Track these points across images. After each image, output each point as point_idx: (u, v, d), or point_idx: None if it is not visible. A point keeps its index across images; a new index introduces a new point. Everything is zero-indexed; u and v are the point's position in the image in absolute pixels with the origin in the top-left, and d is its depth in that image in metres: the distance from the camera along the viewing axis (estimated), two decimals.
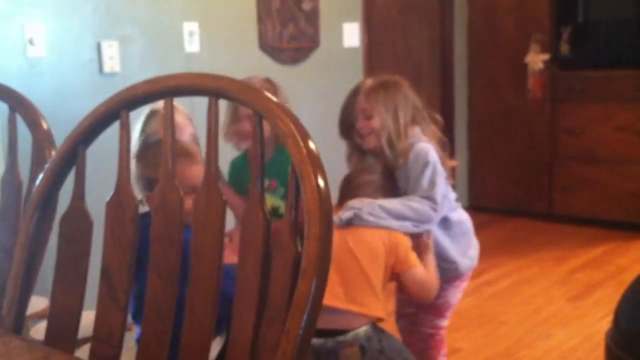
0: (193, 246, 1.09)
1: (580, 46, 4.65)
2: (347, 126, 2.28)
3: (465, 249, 2.35)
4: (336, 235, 0.96)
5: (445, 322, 2.39)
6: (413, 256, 2.05)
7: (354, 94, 2.29)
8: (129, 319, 1.38)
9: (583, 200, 4.71)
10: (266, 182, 2.22)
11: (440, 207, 2.17)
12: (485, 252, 4.19)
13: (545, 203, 4.89)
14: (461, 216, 2.35)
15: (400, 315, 2.47)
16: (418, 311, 2.39)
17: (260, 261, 1.03)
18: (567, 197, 4.77)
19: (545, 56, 4.70)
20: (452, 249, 2.30)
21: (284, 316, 0.97)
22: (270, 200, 2.35)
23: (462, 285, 2.39)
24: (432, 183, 2.16)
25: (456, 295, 2.38)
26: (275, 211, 2.34)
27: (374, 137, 2.22)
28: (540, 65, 4.71)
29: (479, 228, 2.47)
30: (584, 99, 4.62)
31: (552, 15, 4.71)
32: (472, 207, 5.13)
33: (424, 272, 2.06)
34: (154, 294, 1.15)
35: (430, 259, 2.13)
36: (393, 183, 2.23)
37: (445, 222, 2.27)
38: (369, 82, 2.30)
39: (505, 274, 3.88)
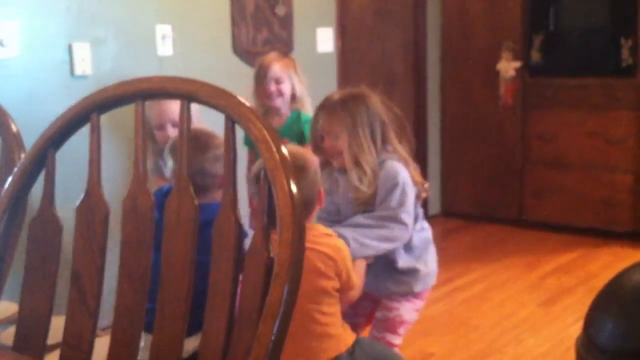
0: (163, 250, 1.09)
1: (551, 54, 4.70)
2: (316, 144, 2.28)
3: (423, 269, 2.32)
4: None
5: (398, 340, 2.32)
6: (354, 276, 1.98)
7: (318, 109, 2.28)
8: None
9: (554, 206, 4.75)
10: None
11: (410, 227, 2.20)
12: (456, 257, 4.27)
13: (516, 209, 4.93)
14: (423, 235, 2.34)
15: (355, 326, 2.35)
16: (371, 329, 2.36)
17: (232, 266, 1.03)
18: (538, 203, 4.82)
19: (517, 64, 4.74)
20: (410, 268, 2.29)
21: (256, 320, 0.97)
22: None
23: (417, 304, 2.36)
24: (401, 204, 2.18)
25: (410, 312, 2.34)
26: None
27: (341, 156, 2.21)
28: (512, 72, 4.76)
29: (450, 233, 2.50)
30: (555, 106, 4.67)
31: (524, 23, 4.76)
32: (444, 213, 5.16)
33: (357, 290, 2.03)
34: (123, 297, 1.14)
35: (361, 265, 2.12)
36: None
37: (408, 243, 2.26)
38: (332, 99, 2.27)
39: (476, 280, 3.91)
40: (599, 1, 4.55)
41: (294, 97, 2.97)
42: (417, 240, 2.29)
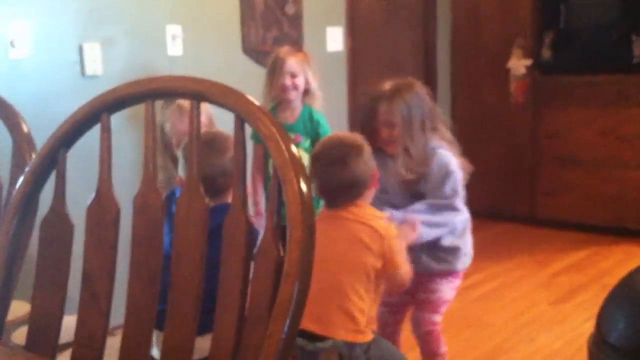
0: (174, 249, 1.09)
1: (562, 51, 4.68)
2: (369, 132, 2.34)
3: (464, 248, 2.47)
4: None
5: (439, 318, 2.48)
6: (400, 257, 2.02)
7: (375, 100, 2.37)
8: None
9: (565, 204, 4.73)
10: (291, 136, 2.64)
11: (462, 212, 2.39)
12: None
13: (528, 207, 4.91)
14: (465, 216, 2.47)
15: (382, 304, 2.54)
16: (414, 310, 2.50)
17: (242, 264, 1.03)
18: (549, 201, 4.80)
19: (528, 61, 4.73)
20: (452, 247, 2.43)
21: (266, 319, 0.97)
22: None
23: (456, 283, 2.50)
24: (454, 192, 2.35)
25: (450, 291, 2.49)
26: None
27: (395, 144, 2.34)
28: (523, 70, 4.74)
29: None
30: (566, 104, 4.65)
31: (535, 21, 4.74)
32: None
33: (405, 270, 2.04)
34: (134, 297, 1.14)
35: (403, 252, 2.15)
36: None
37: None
38: (388, 88, 2.37)
39: (488, 278, 3.89)
40: None
41: (306, 92, 2.97)
42: (459, 220, 2.43)
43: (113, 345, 1.19)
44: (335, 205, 2.01)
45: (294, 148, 1.03)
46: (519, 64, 4.74)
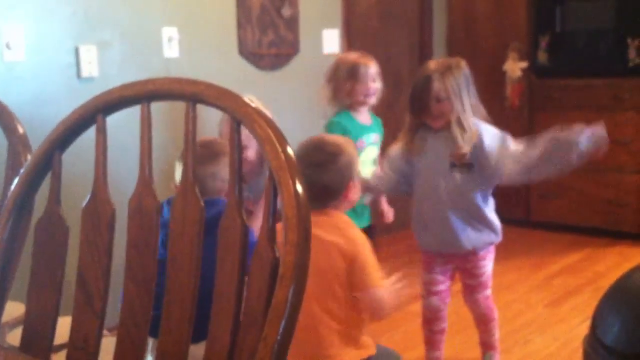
0: (169, 253, 1.09)
1: (557, 54, 4.69)
2: (420, 107, 2.50)
3: (497, 220, 2.67)
4: None
5: (490, 291, 2.71)
6: (374, 273, 1.86)
7: (426, 79, 2.48)
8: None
9: (561, 207, 4.74)
10: (373, 136, 3.01)
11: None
12: None
13: (523, 210, 4.92)
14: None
15: (429, 294, 2.68)
16: (469, 294, 2.70)
17: (237, 267, 1.03)
18: (544, 204, 4.81)
19: (524, 64, 4.74)
20: (493, 219, 2.63)
21: (261, 322, 0.97)
22: (375, 151, 3.00)
23: (493, 255, 2.71)
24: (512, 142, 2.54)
25: (492, 264, 2.70)
26: (375, 161, 2.96)
27: (444, 118, 2.47)
28: (519, 73, 4.75)
29: None
30: (562, 107, 4.66)
31: (530, 24, 4.76)
32: None
33: (385, 293, 1.86)
34: (129, 300, 1.14)
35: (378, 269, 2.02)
36: None
37: (487, 195, 2.62)
38: (434, 67, 2.52)
39: None
40: (605, 2, 4.53)
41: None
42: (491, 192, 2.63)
43: (107, 346, 1.19)
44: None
45: (290, 150, 1.03)
46: (514, 67, 4.75)
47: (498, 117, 4.91)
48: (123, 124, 1.60)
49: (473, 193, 2.54)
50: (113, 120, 1.21)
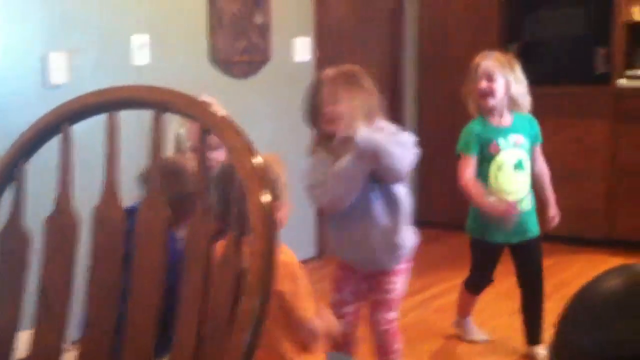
0: (135, 262, 1.08)
1: (527, 63, 4.72)
2: (313, 112, 2.35)
3: (409, 236, 2.48)
4: None
5: (396, 314, 2.50)
6: (304, 302, 1.78)
7: (318, 83, 2.37)
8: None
9: None
10: (514, 137, 2.89)
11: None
12: (431, 266, 4.27)
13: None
14: (404, 189, 2.47)
15: (338, 317, 2.38)
16: (372, 312, 2.49)
17: (203, 277, 1.02)
18: None
19: None
20: (403, 228, 2.43)
21: (226, 333, 0.96)
22: (517, 153, 2.88)
23: (408, 268, 2.50)
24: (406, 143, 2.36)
25: (405, 282, 2.50)
26: (520, 163, 2.88)
27: (340, 122, 2.30)
28: None
29: (424, 243, 2.51)
30: (533, 115, 4.71)
31: (500, 33, 4.81)
32: (419, 222, 5.13)
33: (316, 323, 1.81)
34: (95, 312, 1.12)
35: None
36: None
37: (393, 198, 2.40)
38: (329, 72, 2.38)
39: (451, 288, 3.90)
40: (573, 11, 4.61)
41: (512, 99, 2.92)
42: (401, 192, 2.42)
43: None
44: None
45: (258, 159, 1.03)
46: None
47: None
48: (96, 131, 1.58)
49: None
50: (85, 127, 1.20)
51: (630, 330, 1.03)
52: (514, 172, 2.89)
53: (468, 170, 2.95)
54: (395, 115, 5.08)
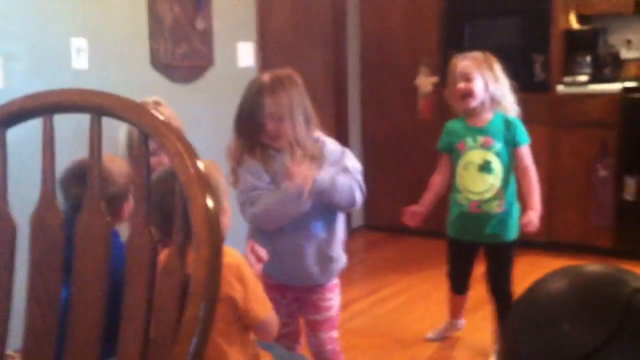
0: (74, 271, 1.04)
1: None
2: (253, 126, 2.25)
3: (342, 253, 2.43)
4: None
5: (337, 332, 2.45)
6: (256, 303, 1.78)
7: (258, 93, 2.25)
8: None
9: None
10: (482, 139, 2.87)
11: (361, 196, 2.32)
12: (380, 270, 4.29)
13: (437, 221, 5.01)
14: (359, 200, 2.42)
15: (279, 336, 2.35)
16: (314, 333, 2.42)
17: (146, 286, 1.00)
18: None
19: (434, 79, 4.84)
20: (339, 252, 2.39)
21: (171, 341, 0.93)
22: (484, 155, 2.86)
23: (339, 283, 2.46)
24: (355, 166, 2.32)
25: (339, 300, 2.45)
26: (487, 164, 2.86)
27: (282, 137, 2.24)
28: (430, 87, 4.85)
29: (373, 246, 2.51)
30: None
31: (440, 41, 4.87)
32: (367, 226, 5.20)
33: (272, 315, 1.82)
34: (33, 323, 1.08)
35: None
36: None
37: (330, 209, 2.32)
38: (268, 80, 2.27)
39: (399, 291, 3.94)
40: (512, 20, 4.70)
41: (492, 98, 2.87)
42: (359, 198, 2.34)
43: None
44: None
45: (200, 164, 1.00)
46: (426, 81, 4.85)
47: (411, 132, 5.04)
48: (31, 136, 1.53)
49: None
50: (22, 131, 1.16)
51: (577, 331, 1.04)
52: (479, 173, 2.88)
53: (439, 165, 3.06)
54: (339, 122, 5.10)
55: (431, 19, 4.90)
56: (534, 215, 2.84)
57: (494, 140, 2.85)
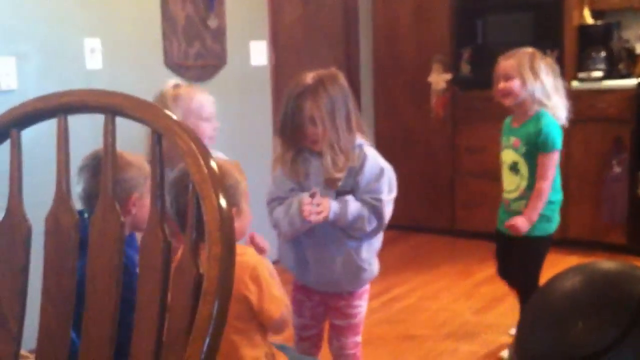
0: (88, 271, 1.05)
1: (479, 67, 4.79)
2: (292, 129, 2.19)
3: (375, 262, 2.40)
4: None
5: (360, 338, 2.42)
6: (271, 304, 1.80)
7: (298, 96, 2.18)
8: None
9: (484, 215, 4.82)
10: (513, 139, 2.91)
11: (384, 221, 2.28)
12: (392, 268, 4.29)
13: (448, 219, 5.00)
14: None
15: (301, 339, 2.44)
16: (337, 337, 2.40)
17: (160, 286, 1.00)
18: (468, 213, 4.90)
19: (448, 76, 4.83)
20: (371, 253, 2.35)
21: (184, 341, 0.94)
22: (512, 155, 2.90)
23: (367, 296, 2.44)
24: (390, 188, 2.29)
25: (366, 306, 2.42)
26: (514, 165, 2.90)
27: (320, 142, 2.18)
28: (443, 85, 4.84)
29: (385, 245, 2.50)
30: (485, 118, 4.76)
31: (453, 37, 4.86)
32: None
33: (284, 313, 1.83)
34: (47, 323, 1.09)
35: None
36: None
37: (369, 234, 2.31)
38: (308, 83, 2.20)
39: (412, 289, 3.94)
40: (524, 15, 4.67)
41: (533, 98, 2.85)
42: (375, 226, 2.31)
43: None
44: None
45: (213, 163, 1.01)
46: (439, 79, 4.84)
47: (423, 130, 5.02)
48: (47, 136, 1.54)
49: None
50: (35, 132, 1.17)
51: (590, 328, 1.03)
52: (509, 173, 2.94)
53: None
54: None
55: (442, 15, 4.88)
56: (520, 221, 2.84)
57: (521, 142, 2.88)
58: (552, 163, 2.84)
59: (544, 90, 2.83)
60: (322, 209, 2.14)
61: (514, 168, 2.91)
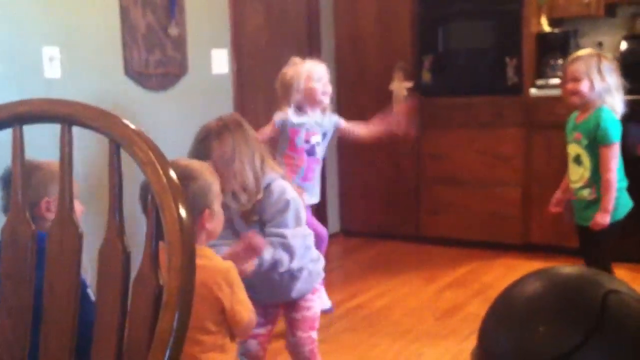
0: (46, 283, 1.03)
1: (441, 74, 4.84)
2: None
3: (315, 265, 2.51)
4: None
5: (316, 334, 2.53)
6: (241, 305, 1.84)
7: (205, 139, 2.27)
8: None
9: (448, 221, 4.88)
10: (575, 133, 3.14)
11: (295, 253, 2.32)
12: (357, 275, 4.30)
13: (413, 226, 5.03)
14: (309, 240, 2.48)
15: (252, 337, 2.46)
16: (292, 332, 2.49)
17: (119, 296, 0.99)
18: (433, 219, 4.93)
19: (409, 83, 4.86)
20: (305, 259, 2.44)
21: (145, 352, 0.93)
22: (576, 148, 3.14)
23: (319, 293, 2.59)
24: (297, 220, 2.34)
25: (319, 301, 2.57)
26: (578, 157, 3.13)
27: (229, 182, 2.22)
28: (404, 92, 4.87)
29: (350, 252, 2.53)
30: (447, 125, 4.81)
31: (414, 45, 4.90)
32: (343, 232, 5.21)
33: (252, 318, 1.88)
34: (4, 334, 1.07)
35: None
36: None
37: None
38: (214, 126, 2.30)
39: (377, 296, 3.95)
40: (484, 23, 4.73)
41: (598, 97, 3.09)
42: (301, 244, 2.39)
43: None
44: None
45: (172, 173, 1.00)
46: (400, 86, 4.87)
47: (387, 137, 5.05)
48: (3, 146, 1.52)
49: None
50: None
51: (553, 332, 1.04)
52: (573, 164, 3.18)
53: None
54: None
55: (404, 22, 4.92)
56: (599, 216, 3.06)
57: (582, 136, 3.11)
58: (613, 154, 3.08)
59: (609, 90, 3.10)
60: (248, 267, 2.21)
61: (577, 160, 3.16)
